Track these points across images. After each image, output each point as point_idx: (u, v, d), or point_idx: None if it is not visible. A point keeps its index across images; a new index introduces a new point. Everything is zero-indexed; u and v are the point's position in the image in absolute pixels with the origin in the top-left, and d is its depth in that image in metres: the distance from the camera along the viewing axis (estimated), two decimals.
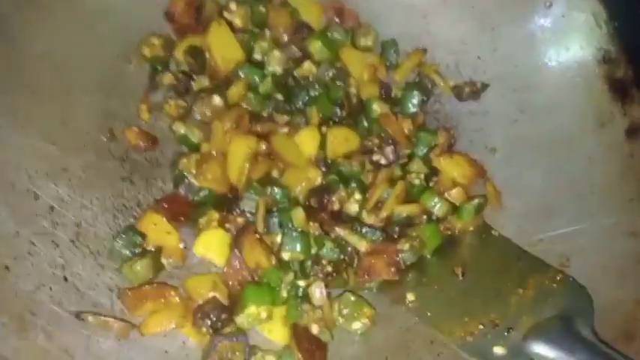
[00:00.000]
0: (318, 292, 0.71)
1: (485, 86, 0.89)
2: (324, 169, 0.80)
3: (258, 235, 0.73)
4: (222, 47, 0.83)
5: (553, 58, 0.88)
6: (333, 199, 0.77)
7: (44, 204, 0.71)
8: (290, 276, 0.72)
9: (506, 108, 0.88)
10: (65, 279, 0.68)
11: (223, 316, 0.68)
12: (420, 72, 0.90)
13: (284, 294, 0.72)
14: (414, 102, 0.87)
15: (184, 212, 0.76)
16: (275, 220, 0.74)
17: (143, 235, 0.73)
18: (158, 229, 0.73)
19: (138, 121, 0.81)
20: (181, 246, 0.74)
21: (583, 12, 0.85)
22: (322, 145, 0.80)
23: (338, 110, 0.84)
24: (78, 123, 0.77)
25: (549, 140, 0.85)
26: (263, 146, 0.78)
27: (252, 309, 0.68)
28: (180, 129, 0.80)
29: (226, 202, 0.77)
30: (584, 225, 0.77)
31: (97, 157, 0.77)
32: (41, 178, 0.72)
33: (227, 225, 0.75)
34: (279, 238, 0.73)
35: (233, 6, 0.86)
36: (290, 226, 0.74)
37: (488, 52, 0.90)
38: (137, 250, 0.72)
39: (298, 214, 0.74)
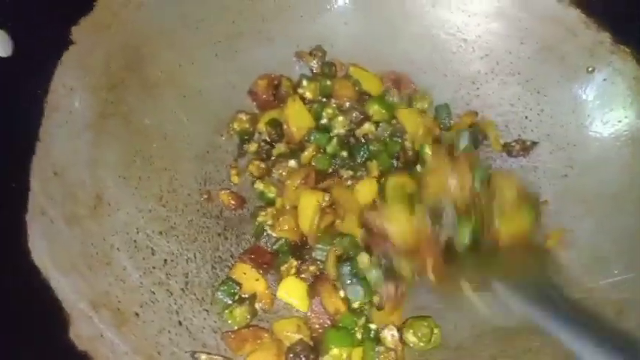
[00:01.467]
0: (390, 335, 0.78)
1: (534, 144, 0.96)
2: None
3: (333, 283, 0.81)
4: (297, 118, 0.95)
5: (597, 118, 0.93)
6: None
7: (159, 258, 0.82)
8: (362, 319, 0.80)
9: (554, 164, 0.94)
10: (180, 323, 0.77)
11: (312, 356, 0.76)
12: (474, 129, 0.98)
13: (358, 336, 0.79)
14: (464, 142, 0.93)
15: (267, 261, 0.86)
16: (347, 268, 0.81)
17: (239, 284, 0.82)
18: (248, 277, 0.83)
19: (229, 184, 0.93)
20: (269, 291, 0.83)
21: (624, 76, 0.90)
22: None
23: (395, 162, 0.94)
24: (182, 187, 0.89)
25: (599, 193, 0.89)
26: (327, 198, 0.87)
27: (335, 351, 0.76)
28: (259, 186, 0.92)
29: (299, 250, 0.86)
30: (637, 274, 0.80)
31: (197, 216, 0.88)
32: (156, 235, 0.83)
33: (303, 275, 0.83)
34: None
35: (305, 82, 0.99)
36: (349, 278, 0.80)
37: (535, 112, 0.98)
38: (235, 298, 0.81)
39: (364, 259, 0.81)
